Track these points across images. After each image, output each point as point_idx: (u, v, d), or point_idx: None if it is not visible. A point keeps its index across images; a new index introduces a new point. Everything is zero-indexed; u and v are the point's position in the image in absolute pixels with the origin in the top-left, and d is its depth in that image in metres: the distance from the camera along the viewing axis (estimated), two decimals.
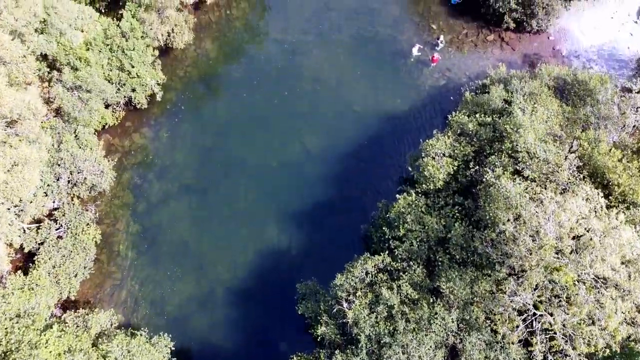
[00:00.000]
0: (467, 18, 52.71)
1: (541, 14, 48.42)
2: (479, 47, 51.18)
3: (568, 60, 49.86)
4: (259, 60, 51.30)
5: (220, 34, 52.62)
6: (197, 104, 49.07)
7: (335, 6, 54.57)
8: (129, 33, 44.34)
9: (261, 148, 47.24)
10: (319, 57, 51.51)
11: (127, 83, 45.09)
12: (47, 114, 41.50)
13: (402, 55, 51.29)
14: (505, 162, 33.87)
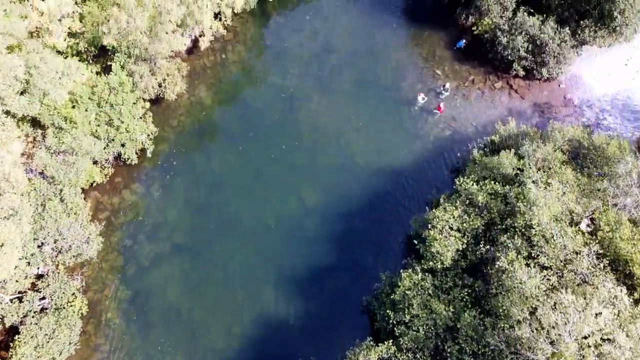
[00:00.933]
0: (474, 63, 50.36)
1: (552, 63, 46.08)
2: (486, 95, 48.80)
3: (580, 110, 47.52)
4: (256, 107, 48.92)
5: (215, 79, 50.24)
6: (191, 156, 46.69)
7: (335, 48, 52.21)
8: (118, 88, 41.98)
9: (257, 204, 44.90)
10: (319, 104, 49.16)
11: (116, 138, 42.76)
12: (30, 175, 39.21)
13: (406, 103, 48.94)
14: (519, 244, 31.50)
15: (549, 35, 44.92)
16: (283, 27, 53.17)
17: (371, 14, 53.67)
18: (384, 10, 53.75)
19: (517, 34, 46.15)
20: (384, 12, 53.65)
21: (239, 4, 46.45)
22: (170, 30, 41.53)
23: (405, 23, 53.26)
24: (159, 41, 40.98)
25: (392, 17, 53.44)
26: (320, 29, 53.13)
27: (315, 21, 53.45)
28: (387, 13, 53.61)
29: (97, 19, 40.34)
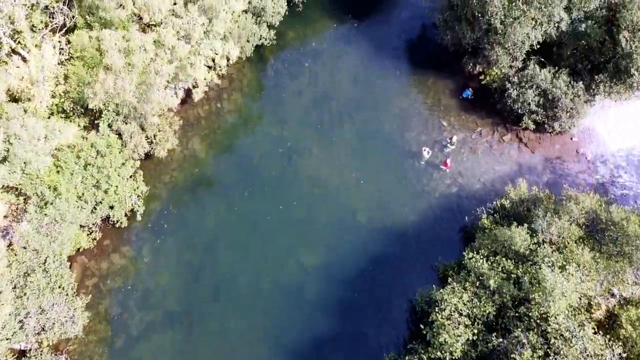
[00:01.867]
0: (481, 114, 48.01)
1: (564, 117, 43.72)
2: (494, 149, 46.43)
3: (594, 166, 45.14)
4: (253, 161, 46.54)
5: (210, 130, 47.88)
6: (184, 214, 44.31)
7: (336, 95, 49.86)
8: (105, 150, 39.66)
9: (254, 266, 42.52)
10: (318, 156, 46.80)
11: (104, 201, 40.44)
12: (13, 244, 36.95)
13: (410, 156, 46.57)
14: (534, 340, 29.13)
15: (561, 90, 42.57)
16: (281, 73, 50.83)
17: (373, 60, 51.33)
18: (386, 56, 51.42)
19: (527, 88, 43.81)
20: (387, 58, 51.33)
21: (234, 54, 44.11)
22: (161, 88, 39.13)
23: (409, 69, 50.91)
24: (148, 102, 38.63)
25: (395, 63, 51.10)
26: (319, 75, 50.79)
27: (314, 67, 51.11)
28: (389, 59, 51.28)
29: (82, 80, 38.01)
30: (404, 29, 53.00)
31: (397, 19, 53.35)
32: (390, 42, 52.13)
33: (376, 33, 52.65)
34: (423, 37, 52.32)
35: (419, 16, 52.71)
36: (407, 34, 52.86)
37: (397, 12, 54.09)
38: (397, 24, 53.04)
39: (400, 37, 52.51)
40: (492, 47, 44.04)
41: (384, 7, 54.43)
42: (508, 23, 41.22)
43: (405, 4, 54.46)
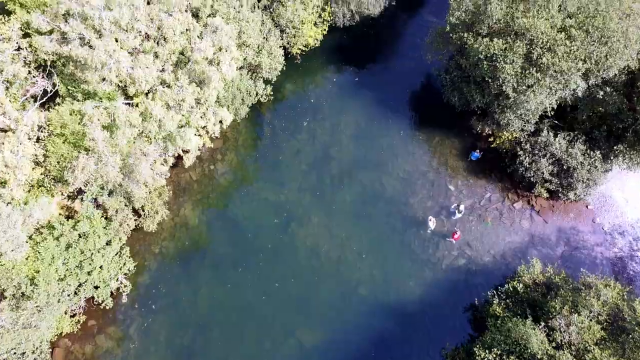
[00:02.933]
0: (491, 177, 45.24)
1: (580, 188, 40.95)
2: (504, 217, 43.64)
3: (611, 238, 42.37)
4: (248, 230, 43.77)
5: (203, 195, 45.14)
6: (174, 291, 41.54)
7: (336, 155, 47.10)
8: (89, 230, 36.95)
9: (249, 348, 39.79)
10: (318, 224, 44.05)
11: (88, 281, 37.76)
12: None
13: (415, 223, 43.81)
14: None
15: (577, 160, 39.83)
16: (278, 130, 48.08)
17: (375, 116, 48.58)
18: (389, 112, 48.66)
19: (540, 156, 41.06)
20: (390, 114, 48.57)
21: (228, 119, 41.31)
22: (148, 166, 36.37)
23: (413, 127, 48.14)
24: (135, 181, 35.89)
25: (399, 120, 48.33)
26: (319, 133, 48.04)
27: (313, 124, 48.35)
28: (392, 115, 48.52)
29: (63, 158, 35.27)
30: (408, 82, 50.22)
31: (400, 71, 50.57)
32: (393, 96, 49.34)
33: (378, 87, 49.87)
34: (428, 92, 49.56)
35: (423, 68, 49.88)
36: (411, 87, 50.10)
37: (400, 62, 51.33)
38: (400, 77, 50.24)
39: (403, 92, 49.74)
40: (502, 111, 41.31)
41: (386, 58, 51.72)
42: (521, 90, 38.46)
43: (408, 53, 51.68)
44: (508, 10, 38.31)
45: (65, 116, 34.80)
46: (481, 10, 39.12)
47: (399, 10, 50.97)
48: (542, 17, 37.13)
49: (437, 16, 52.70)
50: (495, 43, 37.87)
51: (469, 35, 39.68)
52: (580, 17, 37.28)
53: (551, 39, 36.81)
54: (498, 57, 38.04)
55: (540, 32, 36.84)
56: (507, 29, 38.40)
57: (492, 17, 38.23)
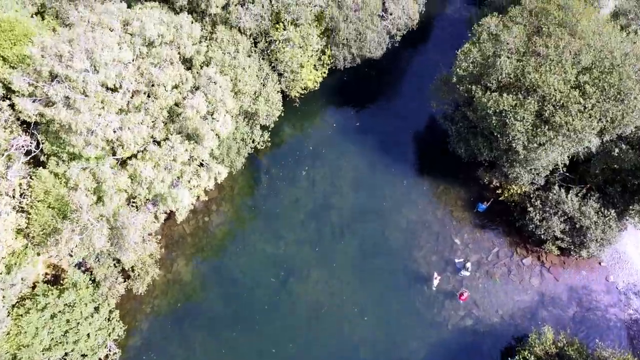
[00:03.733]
0: (498, 231, 43.21)
1: (594, 246, 38.90)
2: (513, 274, 41.61)
3: (626, 298, 40.34)
4: (244, 286, 41.74)
5: (197, 249, 43.09)
6: (167, 352, 39.53)
7: (337, 203, 45.05)
8: (76, 297, 34.94)
9: None
10: (317, 280, 42.03)
11: (75, 351, 35.73)
12: None
13: (419, 279, 41.81)
14: None
15: (591, 219, 37.77)
16: (276, 178, 46.01)
17: (377, 163, 46.49)
18: (391, 159, 46.58)
19: (552, 214, 39.01)
20: (392, 161, 46.50)
21: (223, 174, 39.23)
22: (137, 234, 34.33)
23: (417, 174, 46.08)
24: (123, 249, 33.88)
25: (402, 167, 46.25)
26: (318, 180, 45.98)
27: (313, 170, 46.29)
28: (395, 162, 46.44)
29: (47, 225, 33.27)
30: (411, 126, 48.14)
31: (402, 114, 48.43)
32: (395, 141, 47.24)
33: (380, 131, 47.77)
34: (432, 137, 47.41)
35: (427, 110, 47.67)
36: (414, 132, 48.03)
37: (402, 104, 49.16)
38: (402, 120, 48.14)
39: (406, 136, 47.65)
40: (511, 164, 39.23)
41: (388, 99, 49.63)
42: (532, 148, 36.39)
43: (411, 94, 49.52)
44: (518, 64, 36.21)
45: (49, 182, 32.80)
46: (490, 62, 37.06)
47: (401, 48, 48.81)
48: (554, 73, 35.03)
49: (441, 54, 50.62)
50: (505, 99, 35.82)
51: (476, 88, 37.62)
52: (595, 73, 35.20)
53: (564, 96, 34.74)
54: (508, 113, 35.97)
55: (552, 89, 34.77)
56: (517, 83, 36.34)
57: (502, 71, 36.17)
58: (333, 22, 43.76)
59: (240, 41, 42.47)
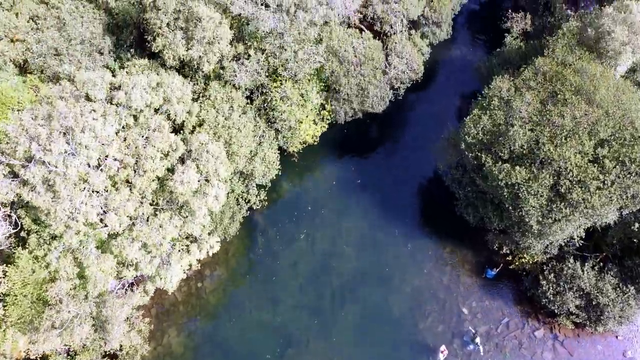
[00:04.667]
0: (508, 299, 40.85)
1: (611, 324, 36.54)
2: (524, 347, 39.21)
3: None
4: (239, 358, 39.36)
5: (189, 318, 40.69)
6: None
7: (337, 266, 42.67)
8: None
9: None
10: (316, 351, 39.65)
11: None
12: None
13: (424, 351, 39.44)
14: None
15: (608, 297, 35.40)
16: (273, 239, 43.62)
17: (380, 223, 44.07)
18: (395, 219, 44.18)
19: (566, 288, 36.64)
20: (396, 220, 44.11)
21: (216, 245, 36.76)
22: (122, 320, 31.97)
23: (422, 235, 43.65)
24: (109, 340, 31.52)
25: (406, 227, 43.87)
26: (318, 241, 43.61)
27: (312, 230, 43.89)
28: (399, 222, 44.04)
29: (26, 315, 30.90)
30: (415, 183, 45.75)
31: (406, 169, 45.99)
32: (399, 199, 44.84)
33: (382, 187, 45.32)
34: (437, 195, 44.63)
35: (432, 165, 45.32)
36: (419, 189, 45.62)
37: (406, 158, 46.67)
38: (406, 176, 45.72)
39: (410, 194, 45.25)
40: (523, 234, 36.83)
41: (391, 154, 47.15)
42: (546, 223, 34.00)
43: (415, 147, 46.99)
44: (532, 134, 33.82)
45: (26, 269, 30.43)
46: (501, 130, 34.66)
47: (404, 96, 46.44)
48: (571, 146, 32.65)
49: (446, 103, 48.70)
50: (517, 172, 33.44)
51: (487, 157, 35.24)
52: (615, 146, 32.82)
53: (582, 171, 32.37)
54: (521, 186, 33.58)
55: (569, 164, 32.39)
56: (531, 155, 33.93)
57: (515, 141, 33.77)
58: (334, 76, 41.38)
59: (235, 98, 40.15)
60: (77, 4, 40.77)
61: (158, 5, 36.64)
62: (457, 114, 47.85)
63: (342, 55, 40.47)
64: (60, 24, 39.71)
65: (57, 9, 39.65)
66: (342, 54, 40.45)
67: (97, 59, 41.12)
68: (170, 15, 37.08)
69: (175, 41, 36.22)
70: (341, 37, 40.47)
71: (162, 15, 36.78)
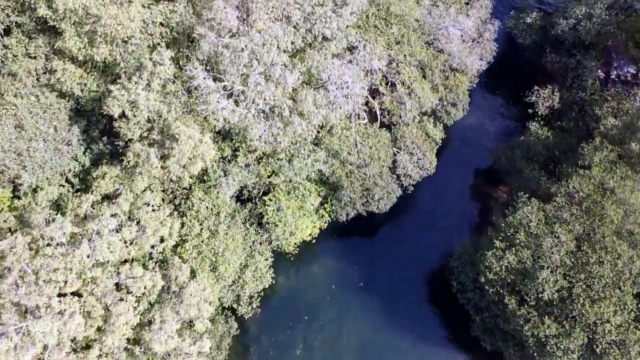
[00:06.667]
0: None
1: None
2: None
3: None
4: None
5: None
6: None
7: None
8: None
9: None
10: None
11: None
12: None
13: None
14: None
15: None
16: (268, 347, 39.38)
17: (383, 326, 39.86)
18: (399, 323, 39.76)
19: None
20: (400, 325, 39.70)
21: None
22: None
23: (429, 344, 39.31)
24: None
25: (411, 333, 39.48)
26: (317, 347, 39.55)
27: (309, 334, 39.63)
28: (403, 326, 39.61)
29: None
30: (421, 284, 41.18)
31: (411, 267, 41.20)
32: (404, 302, 40.34)
33: (386, 289, 40.65)
34: (446, 301, 39.70)
35: (439, 263, 40.85)
36: (427, 292, 41.06)
37: (412, 254, 41.53)
38: (412, 274, 41.08)
39: (417, 296, 40.66)
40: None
41: (396, 250, 41.89)
42: None
43: (421, 242, 41.90)
44: (564, 282, 29.15)
45: None
46: (528, 270, 29.95)
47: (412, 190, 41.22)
48: (611, 303, 28.05)
49: (459, 186, 43.31)
50: (546, 326, 28.98)
51: (510, 298, 30.71)
52: None
53: (621, 332, 27.92)
54: (549, 339, 29.20)
55: (607, 325, 27.89)
56: (562, 304, 29.35)
57: (544, 288, 29.11)
58: (334, 177, 36.23)
59: (222, 205, 35.27)
60: (37, 94, 35.27)
61: (127, 115, 31.26)
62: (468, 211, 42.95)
63: (344, 157, 35.25)
64: (18, 121, 34.48)
65: (14, 106, 34.21)
66: (344, 156, 35.22)
67: (65, 151, 36.07)
68: (143, 125, 31.80)
69: (150, 159, 30.98)
70: (343, 137, 35.11)
71: (133, 125, 31.47)
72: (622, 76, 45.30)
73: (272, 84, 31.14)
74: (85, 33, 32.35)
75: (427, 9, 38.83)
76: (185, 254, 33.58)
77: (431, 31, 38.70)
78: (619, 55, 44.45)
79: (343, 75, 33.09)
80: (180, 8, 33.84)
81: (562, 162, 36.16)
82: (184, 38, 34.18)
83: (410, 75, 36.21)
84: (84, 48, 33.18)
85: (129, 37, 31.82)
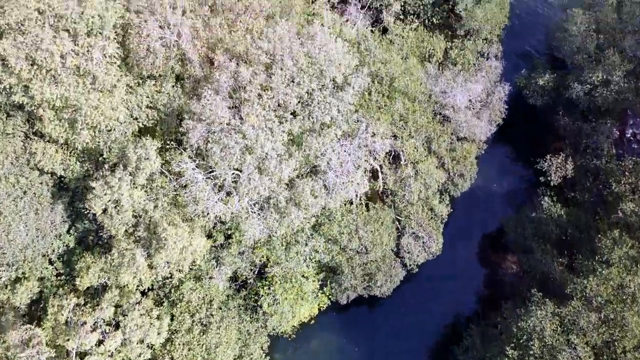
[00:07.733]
0: None
1: None
2: None
3: None
4: None
5: None
6: None
7: None
8: None
9: None
10: None
11: None
12: None
13: None
14: None
15: None
16: None
17: None
18: None
19: None
20: None
21: None
22: None
23: None
24: None
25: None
26: None
27: None
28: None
29: None
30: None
31: (418, 352, 38.99)
32: None
33: None
34: None
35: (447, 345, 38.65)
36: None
37: (419, 338, 39.30)
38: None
39: None
40: None
41: (404, 332, 39.11)
42: None
43: (431, 325, 39.48)
44: None
45: None
46: None
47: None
48: None
49: (465, 262, 41.00)
50: None
51: None
52: None
53: None
54: None
55: None
56: None
57: None
58: (335, 262, 34.02)
59: (214, 294, 33.12)
60: (17, 174, 32.93)
61: (111, 212, 28.95)
62: (478, 282, 40.77)
63: (344, 244, 33.02)
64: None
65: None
66: (344, 244, 32.99)
67: (47, 231, 33.87)
68: (128, 221, 29.53)
69: (136, 260, 28.74)
70: (343, 223, 32.82)
71: (117, 222, 29.19)
72: (638, 135, 43.04)
73: (266, 177, 28.83)
74: (66, 119, 30.03)
75: (433, 77, 36.32)
76: (176, 352, 31.48)
77: (438, 100, 36.27)
78: (636, 115, 42.12)
79: (344, 162, 30.76)
80: (167, 87, 31.59)
81: (577, 245, 33.92)
82: (172, 119, 31.85)
83: (416, 154, 33.85)
84: (64, 132, 30.92)
85: (112, 127, 29.48)
